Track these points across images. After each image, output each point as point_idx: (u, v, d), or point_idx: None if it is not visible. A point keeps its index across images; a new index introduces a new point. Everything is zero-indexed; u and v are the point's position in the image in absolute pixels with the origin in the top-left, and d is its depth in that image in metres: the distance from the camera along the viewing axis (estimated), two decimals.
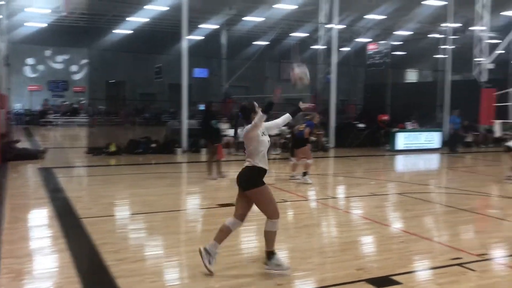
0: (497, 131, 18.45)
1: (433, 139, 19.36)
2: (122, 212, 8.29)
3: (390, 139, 18.65)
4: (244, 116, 5.00)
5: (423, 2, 22.11)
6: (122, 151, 15.74)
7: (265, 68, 34.37)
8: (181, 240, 6.52)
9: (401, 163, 16.42)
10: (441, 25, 23.43)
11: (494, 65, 19.23)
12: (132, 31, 29.00)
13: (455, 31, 22.75)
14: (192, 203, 9.33)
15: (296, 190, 9.96)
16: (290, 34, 30.88)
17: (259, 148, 4.91)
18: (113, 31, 29.42)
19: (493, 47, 19.95)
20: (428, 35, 29.21)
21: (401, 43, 31.39)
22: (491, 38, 20.77)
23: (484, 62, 18.85)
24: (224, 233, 4.97)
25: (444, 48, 22.41)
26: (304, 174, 10.73)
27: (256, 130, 4.86)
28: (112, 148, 15.68)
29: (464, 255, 5.75)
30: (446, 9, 21.40)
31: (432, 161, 16.98)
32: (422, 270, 5.36)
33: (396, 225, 7.50)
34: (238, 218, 4.96)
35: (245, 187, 4.89)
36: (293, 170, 11.16)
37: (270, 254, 4.97)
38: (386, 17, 25.32)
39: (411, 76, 38.36)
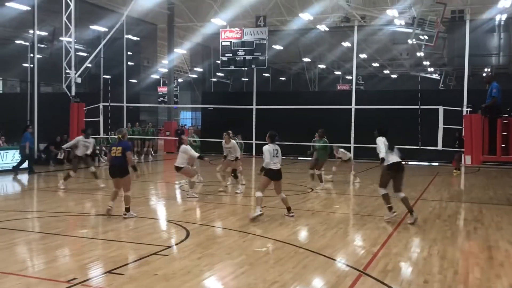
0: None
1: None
2: None
3: None
4: None
5: (7, 4, 21.31)
6: None
7: None
8: None
9: None
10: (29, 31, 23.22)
11: (81, 79, 20.05)
12: None
13: (43, 39, 22.91)
14: None
15: None
16: None
17: None
18: None
19: (82, 60, 21.07)
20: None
21: None
22: (79, 50, 21.89)
23: (73, 75, 19.54)
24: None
25: (32, 57, 22.20)
26: None
27: None
28: None
29: (53, 284, 5.86)
30: (33, 14, 21.18)
31: (22, 182, 16.46)
32: None
33: None
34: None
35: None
36: None
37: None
38: None
39: None
